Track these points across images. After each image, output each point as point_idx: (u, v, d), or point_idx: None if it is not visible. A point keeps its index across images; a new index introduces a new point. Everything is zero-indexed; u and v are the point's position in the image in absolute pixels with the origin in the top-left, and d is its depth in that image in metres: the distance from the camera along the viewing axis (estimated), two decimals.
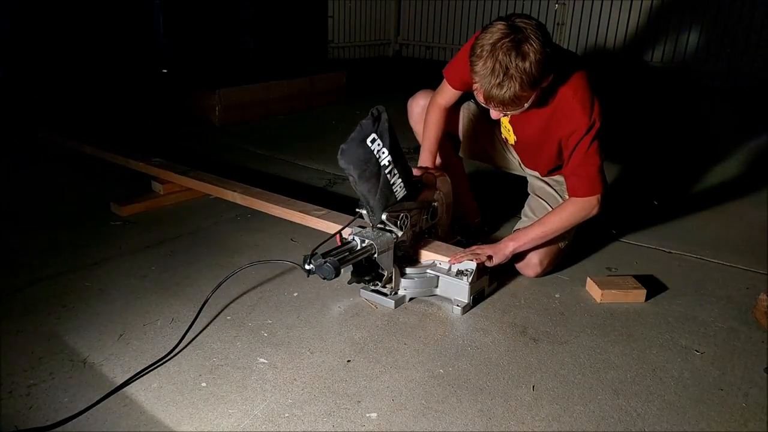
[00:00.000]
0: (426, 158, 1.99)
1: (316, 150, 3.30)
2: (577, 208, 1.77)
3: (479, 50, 1.52)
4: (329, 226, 1.95)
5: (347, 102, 4.66)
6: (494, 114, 1.67)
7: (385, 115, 1.60)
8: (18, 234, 2.14)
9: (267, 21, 4.34)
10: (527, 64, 1.49)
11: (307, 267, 1.54)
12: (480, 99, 1.61)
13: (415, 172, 1.85)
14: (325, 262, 1.50)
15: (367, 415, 1.28)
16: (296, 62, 4.54)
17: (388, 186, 1.64)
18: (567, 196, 1.86)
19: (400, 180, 1.66)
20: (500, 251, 1.77)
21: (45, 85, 4.05)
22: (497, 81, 1.51)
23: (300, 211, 2.05)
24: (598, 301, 1.77)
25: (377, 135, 1.58)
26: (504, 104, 1.56)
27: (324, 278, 1.51)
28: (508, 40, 1.49)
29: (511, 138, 1.94)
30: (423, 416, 1.28)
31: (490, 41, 1.50)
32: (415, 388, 1.37)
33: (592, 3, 6.02)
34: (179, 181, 2.42)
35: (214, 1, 4.16)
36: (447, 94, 1.96)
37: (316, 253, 1.55)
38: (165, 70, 4.02)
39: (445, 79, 1.94)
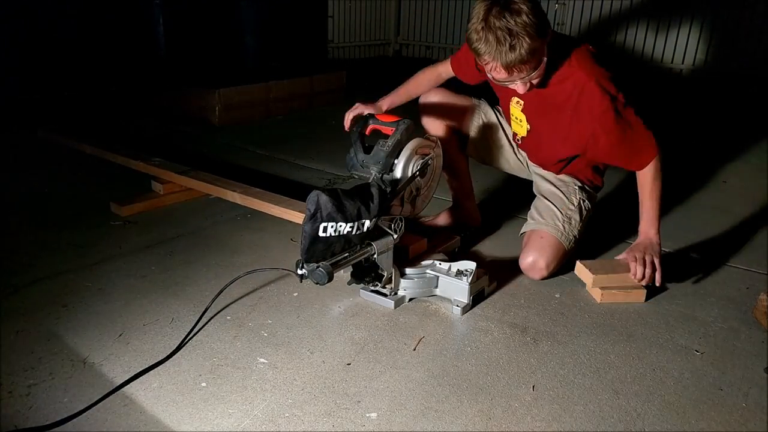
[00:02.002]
0: (386, 101, 2.10)
1: (316, 150, 3.30)
2: (655, 171, 1.79)
3: (474, 35, 1.55)
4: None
5: (347, 102, 4.64)
6: (520, 87, 1.67)
7: (324, 197, 1.49)
8: (18, 234, 2.14)
9: (267, 21, 4.35)
10: (524, 17, 1.51)
11: (299, 272, 1.52)
12: (501, 75, 1.61)
13: (361, 108, 1.96)
14: (317, 267, 1.49)
15: (367, 415, 1.28)
16: (296, 62, 4.54)
17: (364, 232, 1.59)
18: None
19: (366, 220, 1.58)
20: (655, 244, 1.81)
21: (45, 85, 4.06)
22: (508, 46, 1.52)
23: (300, 211, 2.05)
24: (599, 301, 1.77)
25: (326, 222, 1.50)
26: (524, 63, 1.57)
27: (317, 283, 1.50)
28: (495, 8, 1.52)
29: (523, 129, 1.94)
30: (423, 416, 1.28)
31: (480, 17, 1.54)
32: (415, 388, 1.37)
33: (592, 3, 6.03)
34: (179, 181, 2.42)
35: (214, 1, 4.17)
36: (448, 70, 2.03)
37: None
38: (164, 70, 4.02)
39: (450, 63, 2.01)
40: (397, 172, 1.74)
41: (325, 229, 1.50)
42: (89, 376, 1.37)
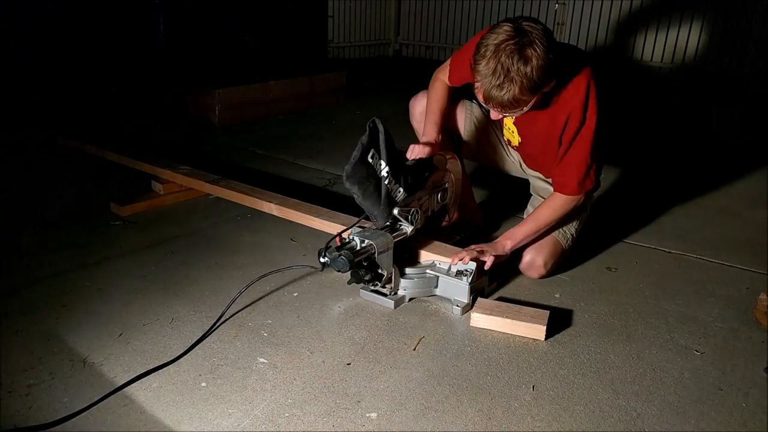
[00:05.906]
0: (430, 130, 1.92)
1: (316, 150, 3.30)
2: (566, 201, 1.81)
3: (483, 49, 1.53)
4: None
5: (347, 102, 4.65)
6: (494, 114, 1.68)
7: (380, 126, 1.63)
8: (18, 234, 2.14)
9: (267, 21, 4.34)
10: (529, 69, 1.49)
11: (321, 260, 1.60)
12: (480, 98, 1.61)
13: (424, 150, 1.81)
14: (339, 255, 1.57)
15: (367, 415, 1.28)
16: (296, 62, 4.54)
17: (389, 195, 1.70)
18: None
19: (399, 186, 1.72)
20: (499, 250, 1.79)
21: (45, 85, 4.05)
22: (498, 82, 1.51)
23: (342, 223, 1.91)
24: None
25: (375, 149, 1.64)
26: (503, 106, 1.57)
27: (338, 270, 1.60)
28: (512, 42, 1.49)
29: (515, 139, 1.94)
30: (423, 416, 1.28)
31: (495, 42, 1.51)
32: (415, 388, 1.37)
33: (592, 3, 6.02)
34: (209, 190, 2.36)
35: (214, 1, 4.16)
36: (446, 77, 1.96)
37: (330, 247, 1.61)
38: (164, 69, 4.01)
39: (450, 64, 1.94)
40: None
41: (372, 156, 1.62)
42: (89, 376, 1.37)
